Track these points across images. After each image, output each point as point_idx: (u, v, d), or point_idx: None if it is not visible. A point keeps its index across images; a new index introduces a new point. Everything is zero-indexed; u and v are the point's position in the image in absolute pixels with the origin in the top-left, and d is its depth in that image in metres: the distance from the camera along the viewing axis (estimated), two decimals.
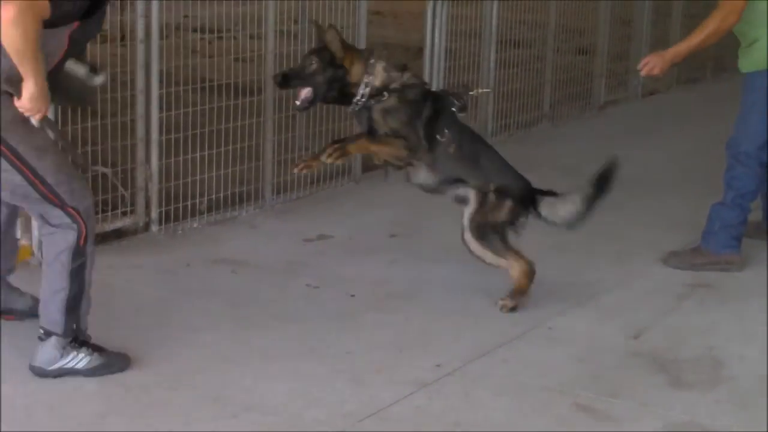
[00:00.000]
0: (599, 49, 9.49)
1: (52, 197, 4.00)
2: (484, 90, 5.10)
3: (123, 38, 5.86)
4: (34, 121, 3.90)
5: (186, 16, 6.47)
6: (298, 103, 4.84)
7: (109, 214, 5.58)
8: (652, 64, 5.24)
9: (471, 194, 4.88)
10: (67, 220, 4.04)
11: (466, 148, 4.90)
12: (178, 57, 5.99)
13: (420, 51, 7.98)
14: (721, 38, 5.28)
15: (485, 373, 4.32)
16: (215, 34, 6.72)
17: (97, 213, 5.40)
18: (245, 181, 6.25)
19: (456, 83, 7.73)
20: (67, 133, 4.80)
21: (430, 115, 4.83)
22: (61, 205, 4.02)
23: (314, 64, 4.77)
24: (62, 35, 3.89)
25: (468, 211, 4.88)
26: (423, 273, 5.38)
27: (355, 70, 4.79)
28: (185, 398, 4.01)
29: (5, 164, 3.92)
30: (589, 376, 4.33)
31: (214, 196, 6.05)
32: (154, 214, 5.73)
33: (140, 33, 5.50)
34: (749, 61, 5.31)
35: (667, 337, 4.75)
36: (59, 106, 4.92)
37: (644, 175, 7.07)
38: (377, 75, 4.79)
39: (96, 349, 4.20)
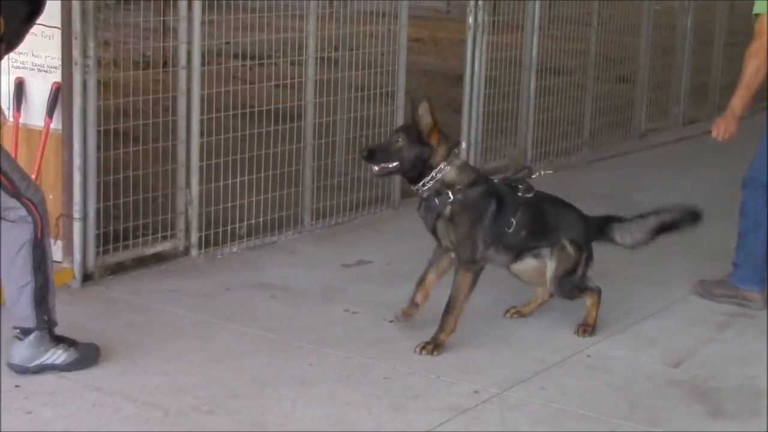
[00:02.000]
0: (640, 77, 9.48)
1: (7, 184, 4.11)
2: (547, 171, 5.15)
3: (165, 64, 5.93)
4: None
5: (227, 43, 6.54)
6: (376, 169, 4.79)
7: (150, 237, 5.64)
8: (723, 129, 5.22)
9: (545, 252, 4.93)
10: (23, 212, 4.15)
11: (536, 222, 4.91)
12: (219, 83, 6.05)
13: (459, 78, 8.02)
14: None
15: (523, 401, 4.31)
16: (256, 61, 6.79)
17: (137, 237, 5.51)
18: (284, 206, 6.28)
19: (497, 109, 7.75)
20: None
21: (495, 209, 4.82)
22: (17, 195, 4.13)
23: (400, 142, 4.75)
24: None
25: (549, 269, 4.92)
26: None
27: (439, 153, 4.77)
28: (223, 423, 4.03)
29: None
30: (628, 405, 4.31)
31: (253, 221, 6.09)
32: (193, 239, 5.78)
33: (182, 59, 5.56)
34: None
35: (707, 366, 4.72)
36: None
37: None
38: (452, 169, 4.78)
39: (70, 343, 4.31)
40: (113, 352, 4.51)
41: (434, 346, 4.73)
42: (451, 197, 4.74)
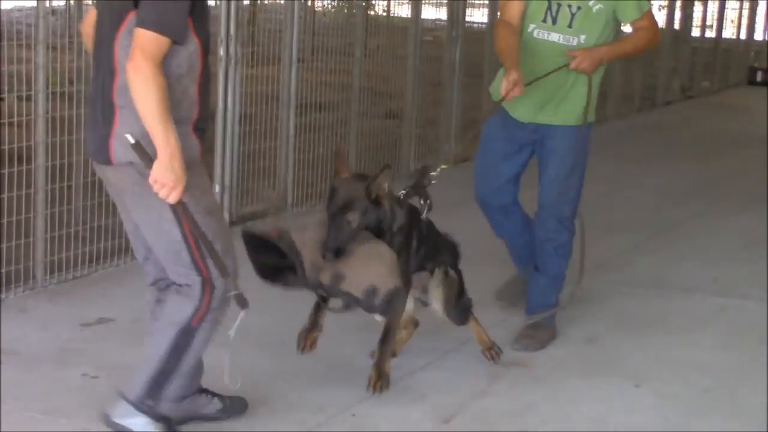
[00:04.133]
0: (407, 113, 9.68)
1: (201, 265, 4.12)
2: (443, 166, 5.29)
3: None
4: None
5: None
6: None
7: None
8: (580, 59, 5.32)
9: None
10: (197, 292, 4.15)
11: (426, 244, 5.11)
12: None
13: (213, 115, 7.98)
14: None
15: None
16: None
17: None
18: (13, 260, 6.08)
19: (254, 149, 7.75)
20: None
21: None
22: (201, 278, 4.15)
23: (352, 224, 4.68)
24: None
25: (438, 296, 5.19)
26: (213, 358, 5.29)
27: (389, 210, 4.83)
28: None
29: (168, 215, 4.01)
30: None
31: None
32: None
33: None
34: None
35: (479, 420, 4.81)
36: None
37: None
38: (401, 217, 4.90)
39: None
40: None
41: (385, 381, 4.91)
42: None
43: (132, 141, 3.92)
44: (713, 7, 18.90)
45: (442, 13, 10.48)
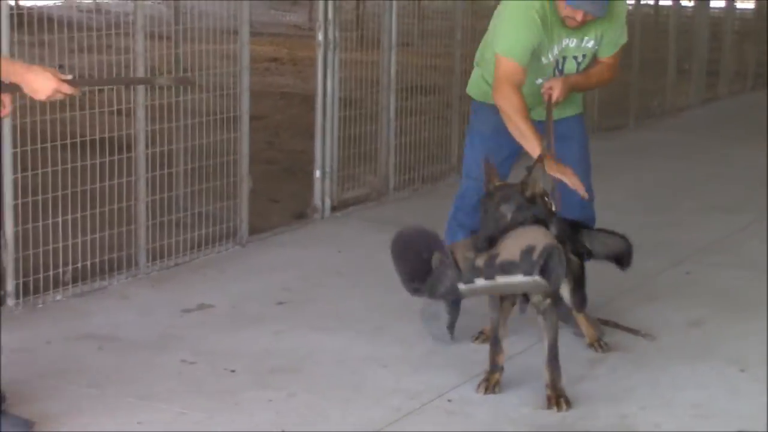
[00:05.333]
0: None
1: None
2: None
3: None
4: None
5: (62, 66, 6.42)
6: None
7: None
8: (557, 90, 5.23)
9: None
10: None
11: None
12: (42, 111, 5.90)
13: None
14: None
15: None
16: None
17: None
18: (116, 247, 6.17)
19: (355, 133, 7.76)
20: None
21: None
22: None
23: (509, 213, 4.70)
24: None
25: None
26: (311, 344, 5.34)
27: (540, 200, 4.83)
28: None
29: None
30: None
31: (80, 265, 5.95)
32: (9, 287, 5.62)
33: None
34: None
35: (577, 405, 4.73)
36: None
37: None
38: None
39: None
40: None
41: (564, 397, 4.74)
42: None
43: None
44: None
45: None
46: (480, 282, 4.56)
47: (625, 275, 6.03)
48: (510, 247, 4.55)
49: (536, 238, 4.56)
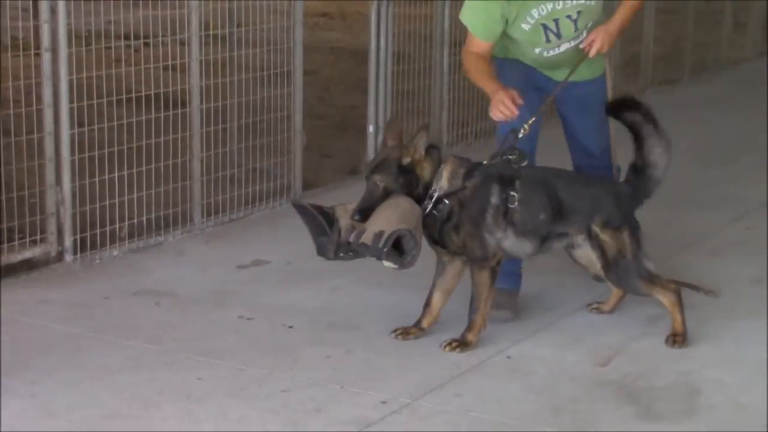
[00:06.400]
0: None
1: None
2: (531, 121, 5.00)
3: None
4: None
5: (106, 22, 6.42)
6: None
7: (17, 243, 5.51)
8: (600, 43, 5.05)
9: (580, 241, 4.89)
10: None
11: (549, 201, 4.83)
12: (92, 67, 5.91)
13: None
14: None
15: (436, 410, 4.27)
16: (141, 41, 6.66)
17: (2, 242, 5.38)
18: (171, 203, 6.18)
19: (408, 88, 7.71)
20: None
21: (497, 196, 4.79)
22: None
23: (379, 185, 4.71)
24: None
25: (596, 263, 4.89)
26: (368, 300, 5.33)
27: (426, 171, 4.77)
28: None
29: None
30: (552, 410, 4.29)
31: (135, 221, 5.98)
32: (67, 242, 5.65)
33: (45, 40, 5.43)
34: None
35: (638, 363, 4.71)
36: None
37: None
38: (444, 178, 4.77)
39: None
40: None
41: (461, 343, 4.77)
42: (447, 202, 4.74)
43: None
44: None
45: None
46: (348, 256, 4.71)
47: (686, 231, 6.01)
48: (371, 225, 4.63)
49: (389, 221, 4.60)
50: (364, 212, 4.67)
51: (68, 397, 4.28)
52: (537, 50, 5.11)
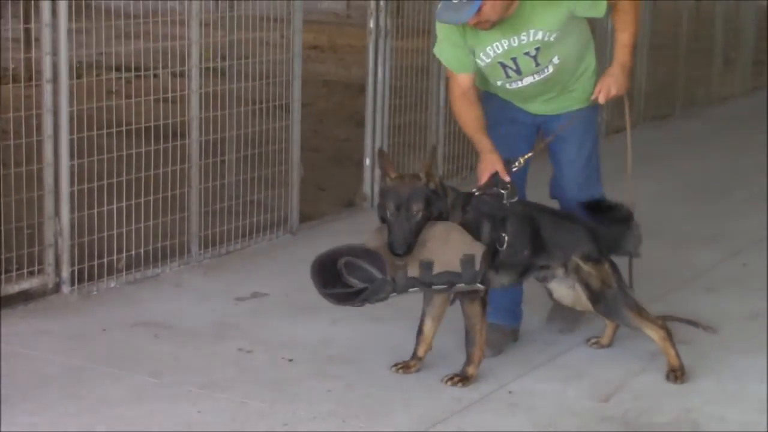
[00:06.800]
0: None
1: None
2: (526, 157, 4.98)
3: (31, 78, 5.79)
4: None
5: (100, 54, 6.42)
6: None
7: (14, 274, 5.49)
8: (607, 88, 5.03)
9: (561, 274, 4.91)
10: None
11: (533, 235, 4.85)
12: (91, 98, 5.92)
13: (362, 88, 7.96)
14: None
15: None
16: (132, 73, 6.66)
17: None
18: (168, 234, 6.17)
19: (404, 122, 7.73)
20: None
21: (488, 229, 4.77)
22: None
23: (418, 214, 4.60)
24: None
25: (582, 297, 4.91)
26: (368, 334, 5.32)
27: (449, 198, 4.75)
28: None
29: None
30: None
31: (133, 252, 5.97)
32: (65, 274, 5.64)
33: (47, 72, 5.43)
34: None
35: (640, 399, 4.71)
36: None
37: None
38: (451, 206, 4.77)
39: None
40: None
41: (462, 378, 4.74)
42: None
43: None
44: None
45: None
46: (414, 290, 4.59)
47: (681, 267, 6.04)
48: (439, 252, 4.52)
49: (466, 242, 4.57)
50: (409, 246, 4.56)
51: (68, 429, 4.26)
52: (499, 83, 5.06)
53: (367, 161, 7.53)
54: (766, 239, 6.90)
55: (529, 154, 4.98)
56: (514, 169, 4.91)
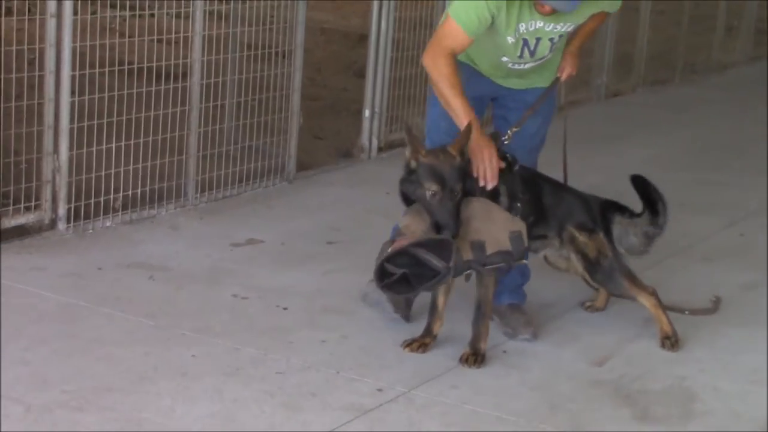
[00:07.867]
0: None
1: None
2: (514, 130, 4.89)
3: (30, 11, 5.75)
4: None
5: None
6: None
7: (11, 208, 5.47)
8: (570, 67, 5.09)
9: (556, 244, 4.90)
10: None
11: (536, 203, 4.82)
12: (94, 36, 5.87)
13: (361, 38, 7.93)
14: None
15: (432, 400, 4.28)
16: (137, 12, 6.62)
17: None
18: (166, 176, 6.15)
19: (404, 75, 7.69)
20: None
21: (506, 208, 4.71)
22: None
23: (459, 188, 4.50)
24: None
25: (576, 266, 4.89)
26: (361, 286, 5.31)
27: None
28: (94, 421, 3.91)
29: None
30: (548, 407, 4.30)
31: (130, 192, 5.95)
32: (61, 211, 5.62)
33: (51, 6, 5.38)
34: None
35: (634, 365, 4.73)
36: None
37: (607, 184, 7.05)
38: None
39: None
40: None
41: (475, 354, 4.61)
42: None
43: None
44: None
45: None
46: (468, 272, 4.52)
47: (677, 235, 6.02)
48: (486, 232, 4.46)
49: (508, 219, 4.54)
50: (458, 226, 4.46)
51: (62, 367, 4.27)
52: (504, 59, 4.94)
53: (367, 113, 7.49)
54: (765, 209, 6.91)
55: (515, 128, 4.92)
56: (506, 142, 4.87)
